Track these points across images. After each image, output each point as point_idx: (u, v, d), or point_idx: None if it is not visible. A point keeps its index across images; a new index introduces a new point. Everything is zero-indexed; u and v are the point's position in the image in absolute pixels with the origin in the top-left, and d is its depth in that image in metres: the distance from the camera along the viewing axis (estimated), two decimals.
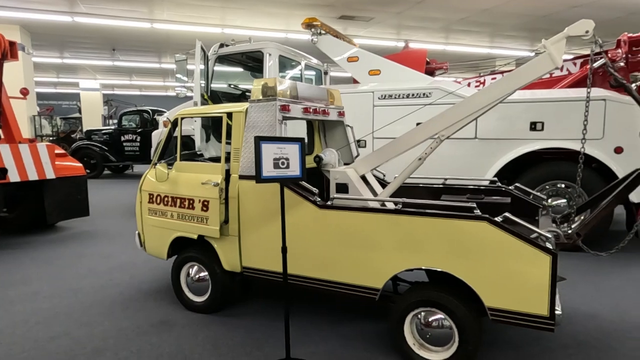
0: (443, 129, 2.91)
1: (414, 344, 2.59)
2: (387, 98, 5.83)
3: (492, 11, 9.40)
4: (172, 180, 3.38)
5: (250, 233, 3.05)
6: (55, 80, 20.79)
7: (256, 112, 3.03)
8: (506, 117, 5.17)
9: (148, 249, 3.67)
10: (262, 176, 2.38)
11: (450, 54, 13.28)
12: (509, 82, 2.73)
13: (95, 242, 5.65)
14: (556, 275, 2.20)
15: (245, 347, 2.80)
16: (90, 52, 13.93)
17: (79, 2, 8.63)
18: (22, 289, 3.95)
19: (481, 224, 2.32)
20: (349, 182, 3.11)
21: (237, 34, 10.59)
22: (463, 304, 2.42)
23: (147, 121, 13.48)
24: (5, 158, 5.10)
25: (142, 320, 3.25)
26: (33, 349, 2.82)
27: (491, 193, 3.58)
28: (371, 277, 2.65)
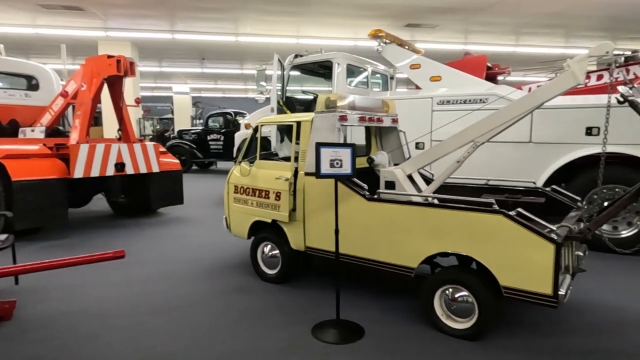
0: (478, 136, 3.38)
1: (441, 315, 3.13)
2: (445, 103, 6.22)
3: (561, 14, 9.25)
4: (253, 175, 4.21)
5: (312, 219, 3.77)
6: (152, 85, 23.45)
7: (320, 121, 3.73)
8: (562, 122, 5.34)
9: (233, 230, 4.55)
10: (321, 173, 3.07)
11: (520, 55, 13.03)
12: (536, 96, 3.15)
13: (188, 225, 6.77)
14: (560, 260, 2.63)
15: (305, 309, 3.52)
16: (183, 61, 15.75)
17: (177, 22, 10.08)
18: (135, 257, 5.05)
19: (498, 217, 2.81)
20: (395, 180, 3.70)
21: (310, 44, 11.49)
22: (483, 283, 2.92)
23: (230, 122, 14.92)
24: (123, 155, 6.36)
25: (226, 285, 4.12)
26: (150, 299, 3.79)
27: (528, 194, 3.95)
28: (408, 258, 3.23)
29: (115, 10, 9.32)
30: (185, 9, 9.21)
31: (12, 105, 7.54)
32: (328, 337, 3.04)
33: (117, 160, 6.27)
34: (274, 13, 9.51)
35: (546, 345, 2.92)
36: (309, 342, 2.99)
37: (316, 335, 3.07)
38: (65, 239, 5.89)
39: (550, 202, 3.81)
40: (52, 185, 5.64)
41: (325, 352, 2.84)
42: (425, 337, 3.04)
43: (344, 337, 3.03)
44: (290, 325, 3.24)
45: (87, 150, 5.92)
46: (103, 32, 10.96)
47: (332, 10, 9.32)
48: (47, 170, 5.68)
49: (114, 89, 6.66)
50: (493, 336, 3.04)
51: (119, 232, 6.28)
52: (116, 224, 6.84)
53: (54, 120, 7.01)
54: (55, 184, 5.68)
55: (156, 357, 2.80)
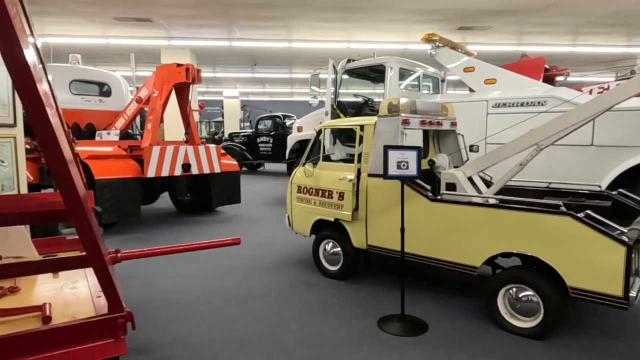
0: (543, 139, 3.44)
1: (505, 313, 3.21)
2: (501, 106, 6.19)
3: (622, 13, 8.88)
4: (316, 176, 4.44)
5: (375, 218, 3.94)
6: (204, 90, 24.49)
7: (383, 125, 3.90)
8: (625, 124, 5.20)
9: (295, 228, 4.80)
10: (388, 174, 3.25)
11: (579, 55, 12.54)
12: (606, 99, 3.17)
13: (246, 223, 7.14)
14: (631, 262, 2.65)
15: (369, 303, 3.70)
16: (235, 66, 16.41)
17: (235, 30, 10.60)
18: (201, 252, 5.40)
19: (565, 218, 2.87)
20: (456, 182, 3.81)
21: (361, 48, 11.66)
22: (549, 283, 2.98)
23: (278, 125, 15.36)
24: (189, 156, 6.82)
25: (291, 279, 4.38)
26: (221, 290, 4.10)
27: (593, 197, 3.93)
28: (471, 257, 3.34)
29: (180, 21, 9.96)
30: (243, 18, 9.68)
31: (88, 110, 8.26)
32: (394, 329, 3.20)
33: (184, 161, 6.73)
34: (326, 20, 9.79)
35: (615, 347, 2.94)
36: (377, 333, 3.16)
37: (382, 327, 3.24)
38: (139, 233, 6.40)
39: (617, 206, 3.77)
40: (128, 184, 6.15)
41: (393, 344, 3.00)
42: (489, 334, 3.13)
43: (409, 331, 3.18)
44: (357, 317, 3.43)
45: (158, 151, 6.41)
46: (166, 41, 11.69)
47: (385, 16, 9.47)
48: (124, 170, 6.21)
49: (181, 95, 7.15)
50: (559, 336, 3.09)
51: (184, 229, 6.73)
52: (181, 221, 7.32)
53: (127, 124, 7.61)
54: (131, 183, 6.19)
55: (237, 341, 3.07)
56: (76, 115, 7.89)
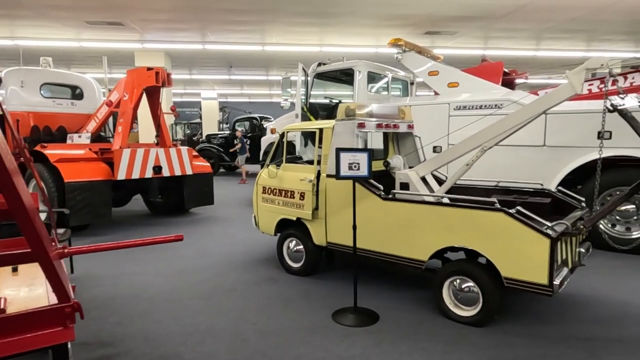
0: (486, 141, 3.70)
1: (449, 303, 3.47)
2: (462, 109, 6.49)
3: (582, 19, 9.36)
4: (280, 177, 4.64)
5: (333, 217, 4.16)
6: (182, 92, 24.41)
7: (340, 128, 4.12)
8: (574, 126, 5.54)
9: (261, 227, 4.98)
10: (340, 175, 3.46)
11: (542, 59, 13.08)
12: (539, 104, 3.44)
13: (218, 223, 7.28)
14: (555, 254, 2.93)
15: (328, 297, 3.91)
16: (212, 69, 16.47)
17: (208, 34, 10.71)
18: (174, 252, 5.55)
19: (499, 214, 3.13)
20: (409, 182, 4.05)
21: (333, 52, 11.92)
22: (487, 274, 3.24)
23: (255, 126, 15.50)
24: (160, 158, 6.92)
25: (257, 276, 4.56)
26: (190, 287, 4.26)
27: (536, 195, 4.23)
28: (419, 252, 3.58)
29: (153, 25, 10.01)
30: (217, 22, 9.81)
31: (60, 114, 8.25)
32: (347, 320, 3.42)
33: (155, 164, 6.83)
34: (300, 24, 10.00)
35: (548, 332, 3.21)
36: (330, 324, 3.37)
37: (336, 319, 3.46)
38: (110, 235, 6.48)
39: (557, 203, 4.08)
40: (98, 186, 6.23)
41: (345, 334, 3.22)
42: (435, 323, 3.37)
43: (361, 321, 3.40)
44: (314, 310, 3.64)
45: (129, 154, 6.50)
46: (140, 44, 11.72)
47: (356, 20, 9.74)
48: (94, 173, 6.29)
49: (152, 98, 7.25)
50: (499, 322, 3.35)
51: (157, 230, 6.83)
52: (153, 222, 7.41)
53: (98, 127, 7.65)
54: (101, 185, 6.27)
55: (199, 332, 3.24)
56: (47, 119, 7.89)
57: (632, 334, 3.18)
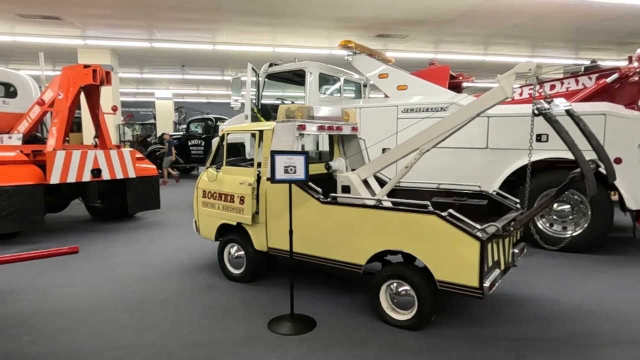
0: (423, 143, 3.70)
1: (387, 307, 3.43)
2: (409, 111, 6.57)
3: (524, 26, 9.76)
4: (219, 181, 4.47)
5: (273, 221, 4.04)
6: (135, 91, 23.50)
7: (280, 130, 4.01)
8: (514, 129, 5.72)
9: (201, 232, 4.79)
10: (275, 179, 3.35)
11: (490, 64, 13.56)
12: (471, 109, 3.46)
13: (163, 229, 6.98)
14: (485, 256, 2.95)
15: (266, 305, 3.79)
16: (164, 68, 15.93)
17: (156, 32, 10.31)
18: (112, 260, 5.25)
19: (432, 217, 3.12)
20: (350, 185, 3.99)
21: (286, 52, 11.80)
22: (422, 278, 3.22)
23: (211, 127, 15.12)
24: (100, 161, 6.55)
25: (195, 284, 4.36)
26: (121, 298, 4.01)
27: (474, 196, 4.29)
28: (356, 256, 3.53)
29: (94, 20, 9.51)
30: (164, 19, 9.45)
31: None
32: (282, 329, 3.31)
33: (93, 167, 6.46)
34: (250, 24, 9.81)
35: (480, 334, 3.24)
36: (265, 333, 3.25)
37: (272, 328, 3.34)
38: (43, 242, 6.06)
39: (494, 204, 4.15)
40: (28, 191, 5.81)
41: (278, 343, 3.11)
42: (372, 329, 3.33)
43: (297, 329, 3.30)
44: (250, 319, 3.50)
45: (63, 156, 6.10)
46: (82, 40, 11.12)
47: (307, 22, 9.67)
48: (24, 177, 5.85)
49: (90, 98, 6.86)
50: (434, 326, 3.35)
51: (96, 237, 6.46)
52: (94, 229, 7.01)
53: (31, 128, 7.16)
54: (31, 190, 5.85)
55: (121, 348, 3.03)
56: None
57: (559, 332, 3.27)
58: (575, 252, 5.48)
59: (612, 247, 5.75)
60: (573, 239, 5.38)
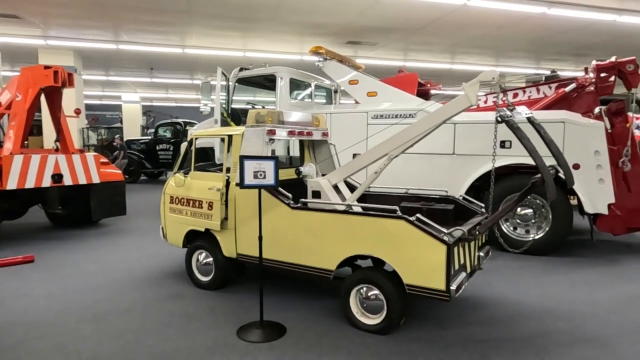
0: (391, 149, 3.75)
1: (357, 312, 3.45)
2: (379, 117, 6.66)
3: (486, 37, 10.13)
4: (187, 186, 4.38)
5: (242, 227, 3.99)
6: (100, 94, 22.78)
7: (250, 135, 3.98)
8: (479, 136, 5.89)
9: (169, 239, 4.68)
10: (244, 184, 3.32)
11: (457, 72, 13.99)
12: (438, 115, 3.54)
13: (129, 235, 6.77)
14: (452, 260, 3.01)
15: (235, 312, 3.73)
16: (131, 70, 15.53)
17: (122, 33, 10.05)
18: (74, 268, 5.04)
19: (400, 222, 3.17)
20: (321, 190, 4.00)
21: (257, 57, 11.77)
22: (391, 282, 3.26)
23: (179, 132, 14.83)
24: (61, 166, 6.30)
25: (161, 292, 4.25)
26: (82, 308, 3.86)
27: (441, 201, 4.39)
28: (326, 261, 3.53)
29: (55, 20, 9.17)
30: (129, 21, 9.22)
31: None
32: (251, 336, 3.26)
33: (54, 172, 6.20)
34: (220, 28, 9.72)
35: (447, 336, 3.30)
36: (233, 341, 3.20)
37: (240, 335, 3.29)
38: None
39: (460, 209, 4.26)
40: None
41: (246, 351, 3.06)
42: (342, 334, 3.33)
43: (266, 336, 3.26)
44: (218, 327, 3.44)
45: (21, 161, 5.84)
46: (42, 40, 10.70)
47: (278, 27, 9.68)
48: None
49: (51, 100, 6.60)
50: (403, 329, 3.39)
51: (57, 244, 6.19)
52: (54, 236, 6.72)
53: None
54: None
55: None
56: None
57: (522, 332, 3.37)
58: (536, 254, 5.68)
59: (570, 250, 6.00)
60: (535, 242, 5.57)
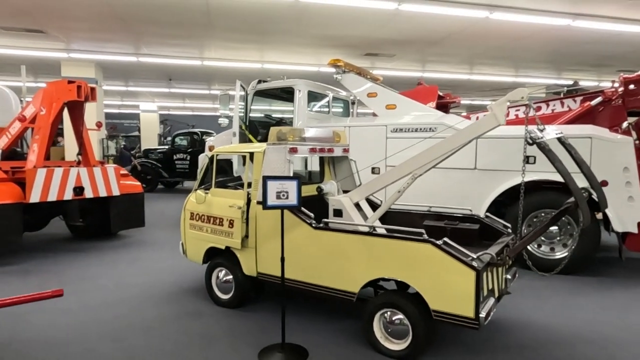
0: (416, 168, 3.67)
1: (380, 337, 3.36)
2: (398, 131, 6.57)
3: (504, 47, 9.99)
4: (208, 203, 4.36)
5: (263, 246, 3.95)
6: (119, 103, 23.18)
7: (271, 153, 3.95)
8: (503, 150, 5.76)
9: (189, 255, 4.66)
10: (267, 205, 3.27)
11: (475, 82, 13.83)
12: (465, 135, 3.46)
13: (147, 248, 6.79)
14: (480, 286, 2.91)
15: (255, 333, 3.67)
16: (149, 81, 15.76)
17: (142, 46, 10.20)
18: (93, 283, 5.06)
19: (427, 245, 3.08)
20: (342, 208, 3.94)
21: (274, 69, 11.82)
22: (416, 307, 3.17)
23: (196, 142, 14.94)
24: (83, 178, 6.36)
25: (180, 309, 4.22)
26: (101, 325, 3.85)
27: (465, 220, 4.28)
28: (349, 283, 3.45)
29: (78, 34, 9.36)
30: (150, 34, 9.36)
31: None
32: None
33: (75, 184, 6.27)
34: (237, 40, 9.79)
35: None
36: None
37: (262, 358, 3.23)
38: (20, 264, 5.81)
39: (485, 228, 4.14)
40: (5, 210, 5.58)
41: None
42: (365, 358, 3.24)
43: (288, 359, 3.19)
44: (237, 350, 3.38)
45: (44, 174, 5.91)
46: (65, 53, 10.93)
47: (294, 39, 9.71)
48: (1, 195, 5.63)
49: (74, 114, 6.69)
50: (428, 355, 3.28)
51: (76, 257, 6.24)
52: (74, 248, 6.77)
53: (10, 144, 6.93)
54: (8, 209, 5.63)
55: None
56: None
57: (553, 359, 3.24)
58: (560, 273, 5.50)
59: (597, 268, 5.80)
60: (559, 261, 5.40)
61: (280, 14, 8.17)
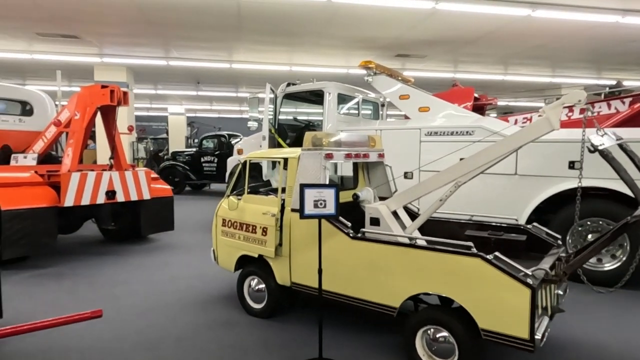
0: (460, 176, 3.47)
1: (423, 355, 3.16)
2: (433, 135, 6.33)
3: (544, 46, 9.57)
4: (241, 209, 4.26)
5: (298, 255, 3.81)
6: (148, 106, 23.64)
7: (306, 158, 3.81)
8: (546, 155, 5.45)
9: (220, 262, 4.57)
10: (305, 214, 3.13)
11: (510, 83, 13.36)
12: (515, 140, 3.23)
13: (177, 252, 6.77)
14: (535, 304, 2.68)
15: (289, 346, 3.54)
16: (178, 84, 15.96)
17: (172, 50, 10.30)
18: (124, 288, 5.04)
19: (476, 260, 2.87)
20: (380, 217, 3.76)
21: (303, 71, 11.72)
22: (463, 325, 2.96)
23: (223, 144, 15.02)
24: (115, 182, 6.40)
25: (212, 318, 4.13)
26: (135, 333, 3.79)
27: (510, 230, 4.03)
28: (390, 297, 3.27)
29: (110, 39, 9.52)
30: (180, 38, 9.43)
31: (5, 131, 7.60)
32: None
33: (108, 188, 6.31)
34: (266, 43, 9.76)
35: None
36: None
37: None
38: (54, 267, 5.87)
39: (532, 239, 3.89)
40: (41, 214, 5.65)
41: None
42: None
43: None
44: None
45: (78, 178, 5.97)
46: (98, 58, 11.16)
47: (324, 41, 9.59)
48: (37, 199, 5.71)
49: (107, 118, 6.75)
50: None
51: (108, 260, 6.27)
52: (105, 251, 6.82)
53: (46, 148, 7.06)
54: (44, 213, 5.70)
55: None
56: None
57: None
58: (609, 286, 5.15)
59: None
60: (607, 273, 5.06)
61: (311, 16, 8.06)
